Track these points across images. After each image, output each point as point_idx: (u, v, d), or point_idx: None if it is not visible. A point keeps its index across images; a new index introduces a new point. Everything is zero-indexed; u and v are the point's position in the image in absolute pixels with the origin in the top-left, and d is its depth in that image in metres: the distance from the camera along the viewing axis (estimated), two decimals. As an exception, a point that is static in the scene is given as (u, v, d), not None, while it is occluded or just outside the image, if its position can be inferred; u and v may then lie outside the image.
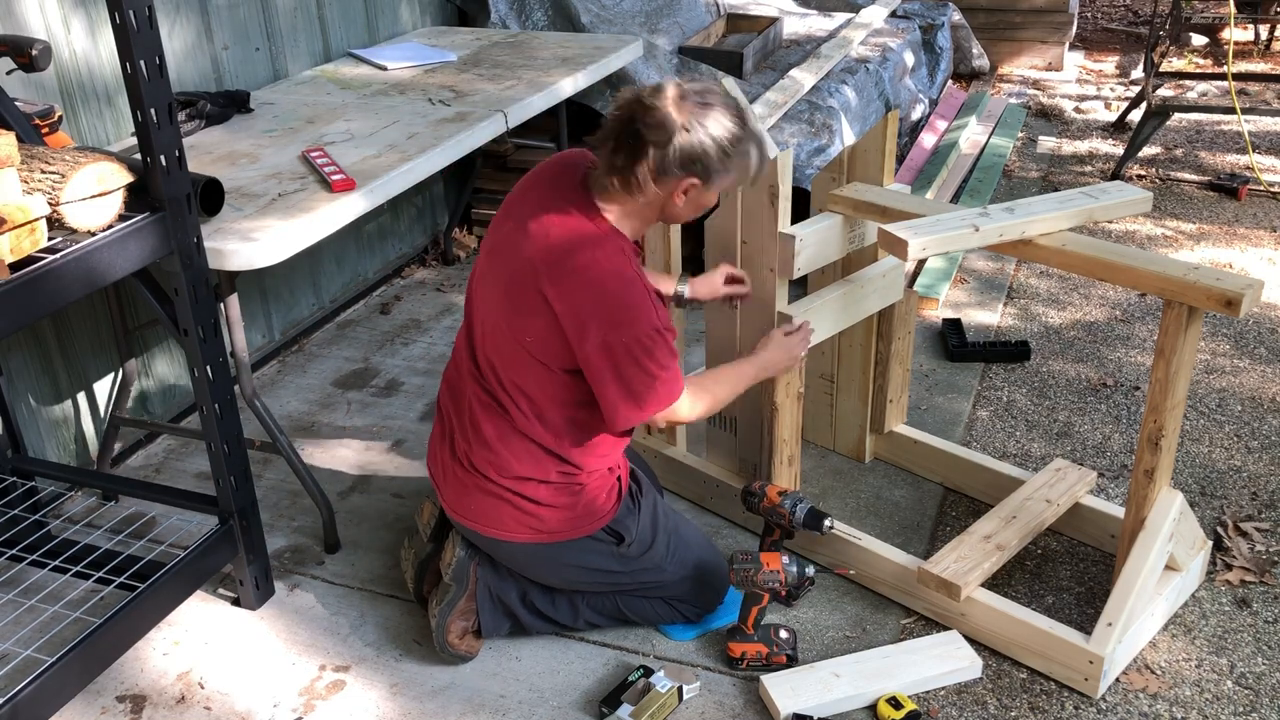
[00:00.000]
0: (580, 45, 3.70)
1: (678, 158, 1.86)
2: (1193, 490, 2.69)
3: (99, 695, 2.15)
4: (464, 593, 2.16)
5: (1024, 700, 2.09)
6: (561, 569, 2.13)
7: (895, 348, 2.64)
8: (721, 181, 1.93)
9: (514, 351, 1.99)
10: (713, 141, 1.87)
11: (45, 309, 1.75)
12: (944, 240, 2.05)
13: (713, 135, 1.87)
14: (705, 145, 1.86)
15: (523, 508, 2.06)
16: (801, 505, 2.22)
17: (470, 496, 2.09)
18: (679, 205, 1.95)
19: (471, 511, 2.10)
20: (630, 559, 2.14)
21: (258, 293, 3.31)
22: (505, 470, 2.04)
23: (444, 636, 2.14)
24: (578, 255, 1.91)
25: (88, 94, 2.67)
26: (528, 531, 2.07)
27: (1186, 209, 4.42)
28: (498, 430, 2.04)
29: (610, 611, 2.22)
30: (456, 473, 2.11)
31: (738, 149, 1.91)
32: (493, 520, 2.08)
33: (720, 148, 1.88)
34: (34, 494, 2.47)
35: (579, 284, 1.90)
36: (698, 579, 2.22)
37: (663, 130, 1.85)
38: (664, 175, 1.88)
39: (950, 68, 5.73)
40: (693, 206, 1.97)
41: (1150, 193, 2.24)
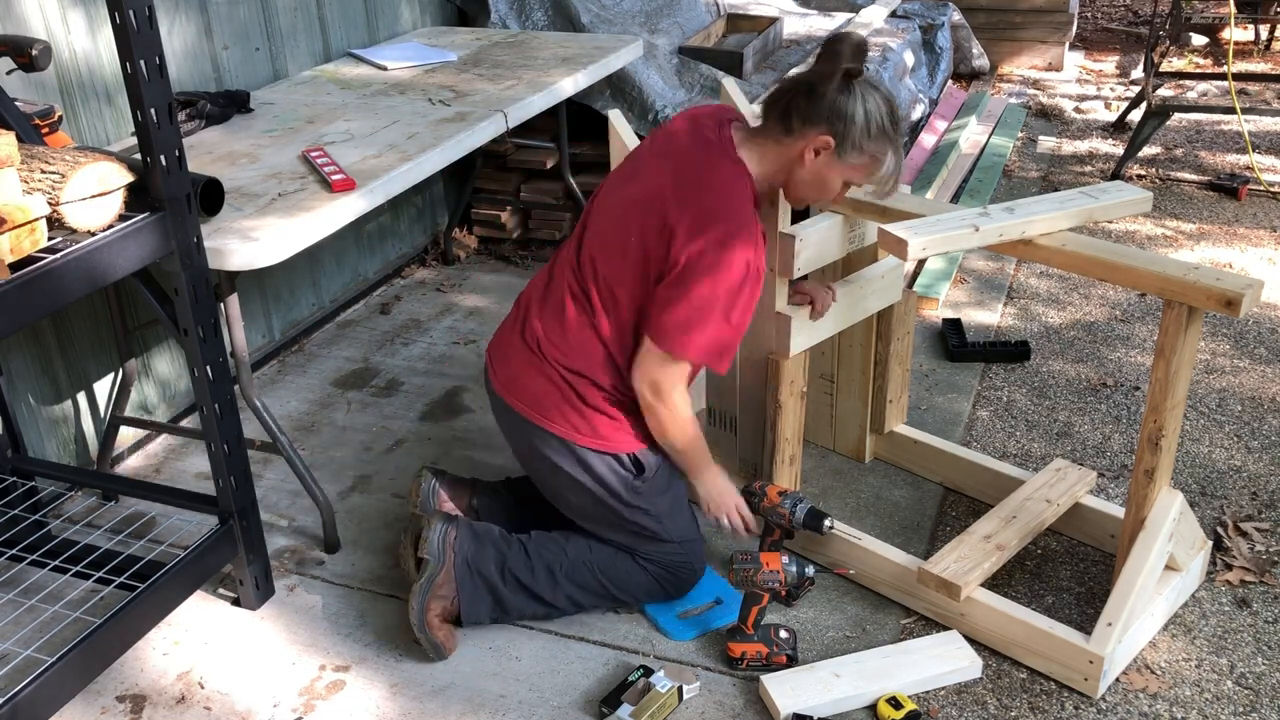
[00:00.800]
0: (580, 45, 3.71)
1: (827, 108, 1.94)
2: (1193, 490, 2.69)
3: (99, 695, 2.15)
4: (442, 567, 2.16)
5: (1024, 700, 2.09)
6: (576, 471, 2.14)
7: (895, 348, 2.64)
8: (851, 158, 1.98)
9: (619, 251, 2.03)
10: (864, 113, 1.94)
11: (45, 309, 1.75)
12: (944, 240, 2.05)
13: (867, 109, 1.95)
14: (855, 110, 1.94)
15: (569, 399, 2.10)
16: (801, 505, 2.22)
17: (525, 375, 2.14)
18: (806, 167, 2.00)
19: (521, 390, 2.15)
20: (640, 494, 2.16)
21: (258, 293, 3.32)
22: (568, 359, 2.10)
23: (423, 616, 2.14)
24: (711, 179, 1.98)
25: (88, 94, 2.67)
26: (564, 424, 2.11)
27: (1186, 209, 4.42)
28: (578, 320, 2.09)
29: (586, 580, 2.22)
30: (519, 350, 2.16)
31: (882, 135, 1.97)
32: (538, 402, 2.13)
33: (867, 122, 1.95)
34: (34, 494, 2.48)
35: (706, 198, 1.97)
36: (682, 552, 2.24)
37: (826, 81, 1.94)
38: (806, 122, 1.96)
39: (950, 68, 5.73)
40: (817, 177, 2.02)
41: (1150, 193, 2.24)
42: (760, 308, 2.35)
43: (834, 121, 1.95)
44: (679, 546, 2.24)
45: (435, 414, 3.10)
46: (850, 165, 2.00)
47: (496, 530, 2.24)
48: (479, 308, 3.74)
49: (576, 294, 2.11)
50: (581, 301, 2.10)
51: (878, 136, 1.97)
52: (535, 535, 2.25)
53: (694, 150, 2.05)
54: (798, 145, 1.99)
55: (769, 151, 2.04)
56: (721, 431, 2.60)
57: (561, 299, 2.13)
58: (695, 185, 1.99)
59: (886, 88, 2.02)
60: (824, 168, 2.01)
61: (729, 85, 2.32)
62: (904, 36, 5.11)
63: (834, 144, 1.97)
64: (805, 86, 1.98)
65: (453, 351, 3.45)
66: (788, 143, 2.00)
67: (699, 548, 2.30)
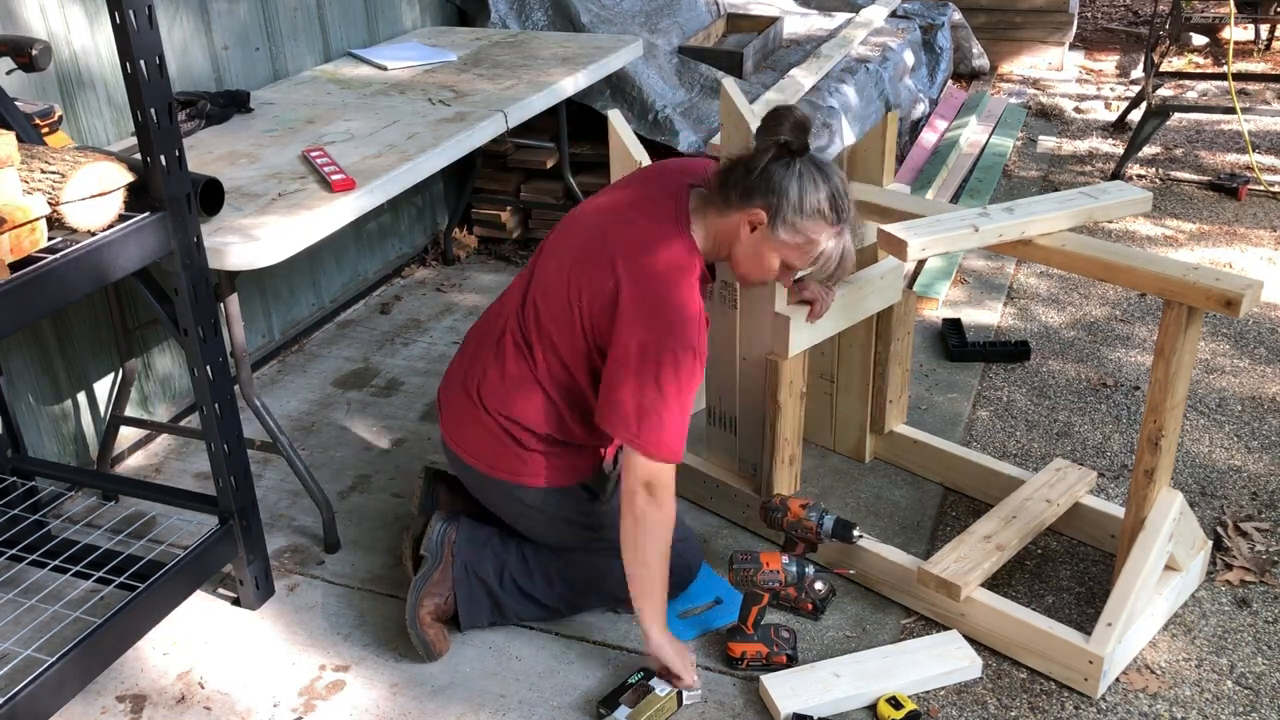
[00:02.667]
0: (580, 45, 3.71)
1: (762, 182, 1.90)
2: (1193, 490, 2.69)
3: (99, 695, 2.15)
4: (438, 565, 2.17)
5: (1024, 700, 2.09)
6: (534, 514, 2.15)
7: (895, 348, 2.64)
8: (783, 235, 1.93)
9: (563, 307, 2.00)
10: (798, 190, 1.90)
11: (45, 309, 1.75)
12: (944, 240, 2.05)
13: (802, 186, 1.90)
14: (789, 186, 1.90)
15: (509, 446, 2.09)
16: (828, 517, 2.24)
17: (467, 425, 2.13)
18: (741, 242, 1.97)
19: (466, 440, 2.14)
20: (600, 516, 2.17)
21: (258, 292, 3.32)
22: (506, 408, 2.08)
23: (416, 612, 2.14)
24: (659, 254, 1.94)
25: (88, 94, 2.67)
26: (508, 471, 2.11)
27: (1186, 209, 4.42)
28: (518, 370, 2.07)
29: (584, 583, 2.22)
30: (460, 400, 2.14)
31: (817, 215, 1.92)
32: (481, 452, 2.12)
33: (801, 199, 1.90)
34: (34, 494, 2.47)
35: (650, 281, 1.92)
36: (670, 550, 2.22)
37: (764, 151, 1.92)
38: (745, 197, 1.92)
39: (950, 68, 5.73)
40: (754, 254, 1.98)
41: (1150, 193, 2.24)
42: (760, 308, 2.35)
43: (767, 195, 1.91)
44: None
45: (435, 414, 3.10)
46: (784, 244, 1.94)
47: (496, 533, 2.24)
48: (479, 307, 3.74)
49: (519, 342, 2.08)
50: (523, 350, 2.07)
51: (812, 216, 1.91)
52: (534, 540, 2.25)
53: (650, 222, 1.98)
54: (735, 218, 1.95)
55: (712, 223, 1.99)
56: (721, 431, 2.60)
57: (504, 346, 2.09)
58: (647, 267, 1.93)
59: (838, 176, 1.95)
60: (760, 243, 1.95)
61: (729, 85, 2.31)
62: (904, 36, 5.11)
63: (766, 218, 1.92)
64: (744, 159, 1.95)
65: (452, 351, 3.44)
66: (728, 215, 1.96)
67: (688, 544, 2.29)
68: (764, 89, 4.15)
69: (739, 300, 2.40)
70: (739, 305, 2.40)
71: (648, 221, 1.99)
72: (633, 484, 1.97)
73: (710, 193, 1.99)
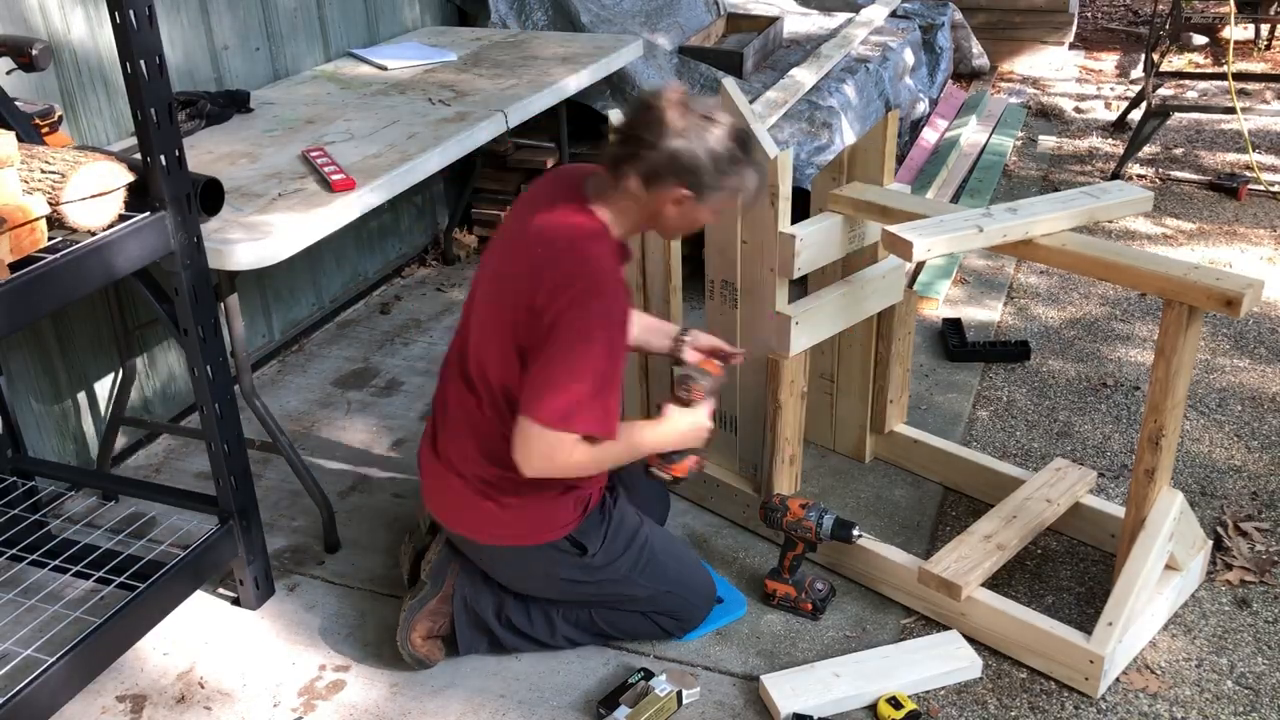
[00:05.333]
0: (580, 45, 3.70)
1: (670, 165, 1.85)
2: (1193, 490, 2.69)
3: (99, 695, 2.15)
4: (437, 593, 2.15)
5: (1024, 700, 2.09)
6: (527, 575, 2.12)
7: (895, 348, 2.64)
8: (714, 199, 1.91)
9: (500, 342, 1.96)
10: (708, 155, 1.85)
11: (46, 309, 1.75)
12: (948, 241, 2.05)
13: (709, 148, 1.85)
14: (699, 157, 1.84)
15: (485, 507, 2.05)
16: (827, 517, 2.24)
17: (443, 491, 2.11)
18: (671, 216, 1.93)
19: (444, 506, 2.12)
20: (595, 569, 2.11)
21: (258, 292, 3.31)
22: (473, 467, 2.05)
23: (408, 633, 2.12)
24: (564, 238, 1.91)
25: (88, 94, 2.67)
26: (489, 533, 2.07)
27: (1186, 209, 4.42)
28: (471, 422, 2.04)
29: (586, 626, 2.18)
30: (434, 466, 2.12)
31: (733, 163, 1.88)
32: (460, 517, 2.10)
33: (715, 162, 1.86)
34: (34, 494, 2.47)
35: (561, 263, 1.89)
36: (675, 594, 2.18)
37: (657, 132, 1.84)
38: (655, 181, 1.87)
39: (950, 67, 5.73)
40: (686, 220, 1.96)
41: (1151, 192, 2.24)
42: (760, 308, 2.35)
43: (681, 174, 1.86)
44: (669, 591, 2.17)
45: (435, 414, 3.09)
46: (714, 203, 1.92)
47: None
48: (479, 307, 3.73)
49: (466, 396, 2.04)
50: (471, 404, 2.03)
51: (729, 169, 1.88)
52: None
53: (548, 219, 1.95)
54: (655, 203, 1.91)
55: (627, 208, 1.94)
56: (722, 431, 2.60)
57: (452, 408, 2.07)
58: (550, 257, 1.90)
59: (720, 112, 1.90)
60: (690, 212, 1.93)
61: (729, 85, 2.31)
62: (904, 36, 5.11)
63: (692, 194, 1.88)
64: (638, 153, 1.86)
65: (453, 351, 3.45)
66: (644, 200, 1.91)
67: (692, 579, 2.21)
68: (764, 89, 4.15)
69: (739, 300, 2.40)
70: (739, 305, 2.40)
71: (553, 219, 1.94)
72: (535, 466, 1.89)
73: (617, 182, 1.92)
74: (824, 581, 2.30)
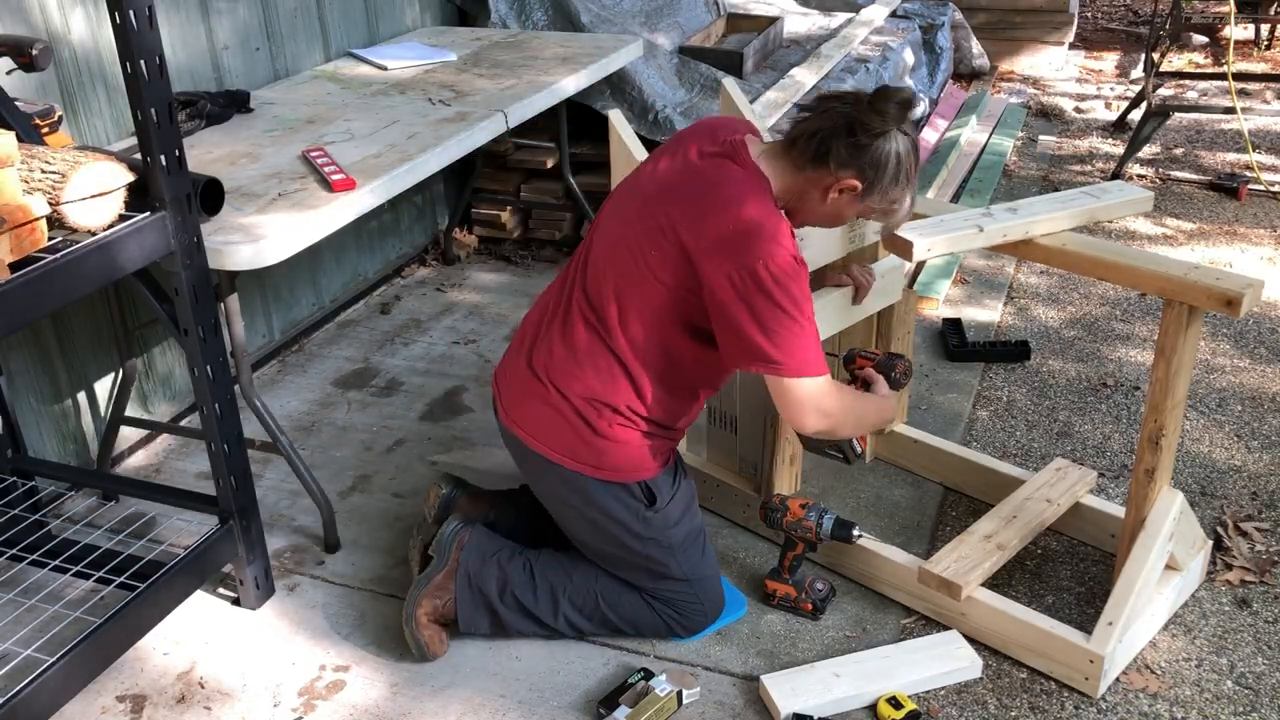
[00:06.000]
0: (580, 45, 3.71)
1: (869, 156, 1.93)
2: (1193, 490, 2.69)
3: (99, 695, 2.15)
4: (442, 566, 2.15)
5: (1024, 700, 2.09)
6: (585, 505, 2.11)
7: (895, 348, 2.63)
8: (874, 200, 1.98)
9: (633, 266, 1.99)
10: (897, 160, 1.94)
11: (46, 309, 1.75)
12: (949, 241, 2.05)
13: (900, 154, 1.94)
14: (890, 159, 1.93)
15: (578, 429, 2.05)
16: (827, 517, 2.24)
17: (530, 404, 2.09)
18: (824, 201, 1.99)
19: (527, 420, 2.10)
20: (652, 525, 2.11)
21: (258, 292, 3.32)
22: (577, 386, 2.04)
23: (413, 610, 2.13)
24: (723, 185, 1.95)
25: (88, 94, 2.67)
26: (570, 456, 2.07)
27: (1186, 209, 4.42)
28: (590, 344, 2.04)
29: (591, 609, 2.18)
30: (526, 379, 2.10)
31: (906, 183, 1.98)
32: (545, 434, 2.08)
33: (898, 169, 1.94)
34: (34, 494, 2.47)
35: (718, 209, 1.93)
36: (694, 590, 2.19)
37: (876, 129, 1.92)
38: (845, 165, 1.94)
39: (950, 68, 5.73)
40: (832, 211, 2.01)
41: (1151, 192, 2.24)
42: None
43: (866, 170, 1.94)
44: (689, 586, 2.18)
45: (435, 414, 3.10)
46: (870, 207, 2.00)
47: (506, 548, 2.20)
48: (479, 307, 3.74)
49: (589, 317, 2.05)
50: (594, 325, 2.04)
51: (903, 184, 1.97)
52: (544, 556, 2.21)
53: (709, 163, 1.99)
54: (825, 181, 1.96)
55: (789, 175, 1.99)
56: (722, 431, 2.60)
57: (571, 322, 2.06)
58: (717, 202, 1.93)
59: (914, 132, 2.01)
60: (845, 206, 2.00)
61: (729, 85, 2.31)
62: (904, 36, 5.11)
63: (861, 189, 1.95)
64: (848, 130, 1.93)
65: (453, 351, 3.45)
66: (814, 176, 1.97)
67: (712, 587, 2.22)
68: (764, 89, 4.15)
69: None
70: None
71: (712, 168, 1.99)
72: (800, 416, 1.98)
73: (796, 147, 1.98)
74: (824, 581, 2.30)
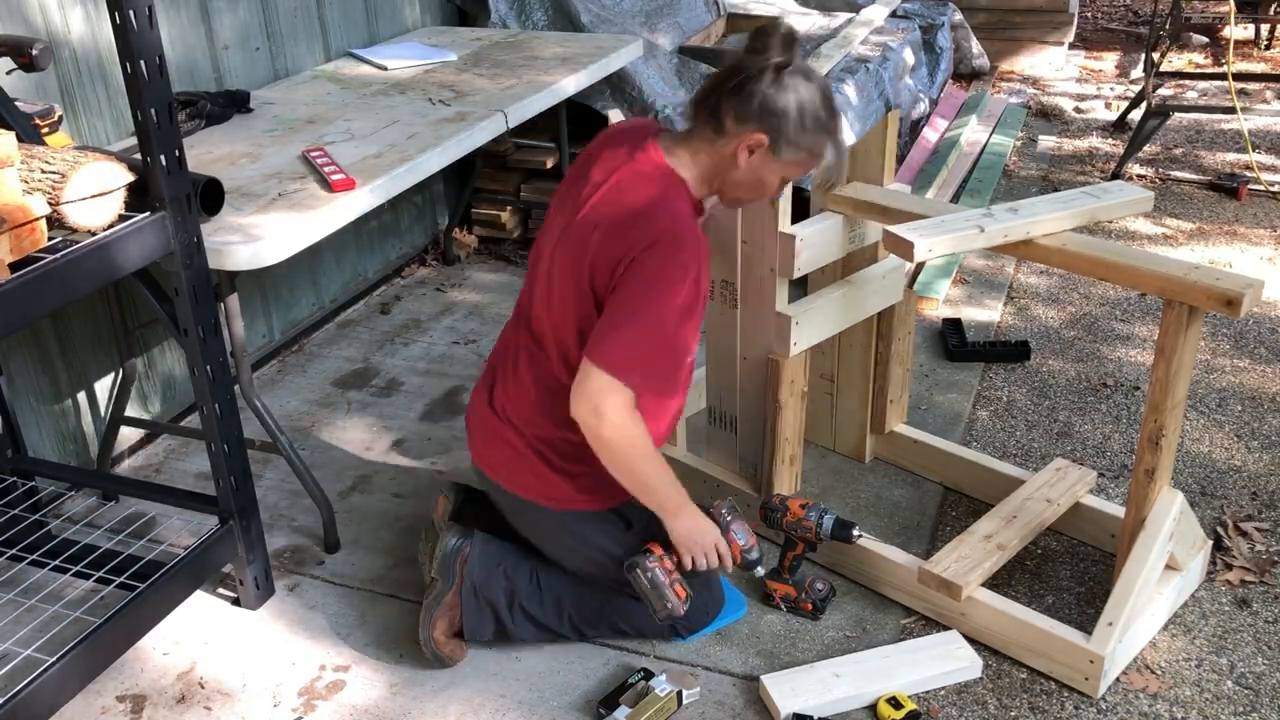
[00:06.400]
0: (580, 45, 3.70)
1: (762, 103, 1.83)
2: (1193, 490, 2.69)
3: (99, 695, 2.15)
4: (450, 587, 2.14)
5: (1024, 700, 2.09)
6: (565, 538, 2.11)
7: (895, 348, 2.63)
8: (787, 155, 1.89)
9: (562, 294, 1.96)
10: (797, 106, 1.84)
11: (46, 309, 1.75)
12: (950, 241, 2.05)
13: (801, 101, 1.84)
14: (787, 100, 1.83)
15: (538, 465, 2.05)
16: (827, 517, 2.24)
17: (494, 445, 2.10)
18: (739, 168, 1.90)
19: (495, 462, 2.11)
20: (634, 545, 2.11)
21: (258, 292, 3.31)
22: (534, 423, 2.03)
23: (429, 632, 2.12)
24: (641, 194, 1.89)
25: (88, 94, 2.67)
26: (539, 492, 2.07)
27: (1186, 209, 4.42)
28: (534, 376, 2.03)
29: (597, 616, 2.18)
30: (488, 420, 2.11)
31: (818, 127, 1.87)
32: (511, 474, 2.08)
33: (801, 111, 1.84)
34: (34, 494, 2.47)
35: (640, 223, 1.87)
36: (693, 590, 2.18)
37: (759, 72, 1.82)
38: (741, 119, 1.85)
39: (950, 67, 5.73)
40: (752, 177, 1.92)
41: (1152, 192, 2.24)
42: (760, 308, 2.35)
43: (766, 118, 1.83)
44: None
45: (435, 414, 3.10)
46: (787, 162, 1.90)
47: (510, 553, 2.19)
48: (479, 307, 3.74)
49: (529, 347, 2.04)
50: (535, 354, 2.03)
51: (814, 129, 1.87)
52: (549, 563, 2.19)
53: (626, 171, 1.93)
54: (730, 145, 1.88)
55: (701, 154, 1.92)
56: (721, 431, 2.60)
57: (517, 356, 2.07)
58: (627, 214, 1.88)
59: (820, 76, 1.89)
60: (759, 167, 1.90)
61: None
62: (904, 36, 5.11)
63: (768, 142, 1.86)
64: (734, 82, 1.84)
65: (453, 351, 3.45)
66: (720, 143, 1.89)
67: (711, 585, 2.22)
68: (764, 89, 4.15)
69: (739, 300, 2.40)
70: (739, 305, 2.40)
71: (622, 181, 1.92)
72: (578, 404, 1.87)
73: (691, 127, 1.92)
74: (824, 581, 2.30)
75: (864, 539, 2.32)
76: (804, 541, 2.27)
